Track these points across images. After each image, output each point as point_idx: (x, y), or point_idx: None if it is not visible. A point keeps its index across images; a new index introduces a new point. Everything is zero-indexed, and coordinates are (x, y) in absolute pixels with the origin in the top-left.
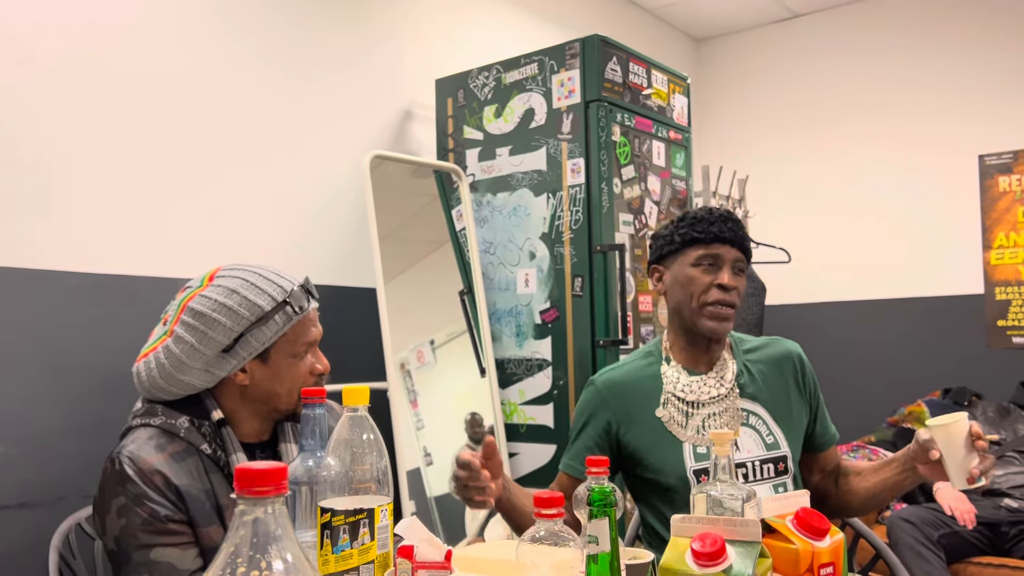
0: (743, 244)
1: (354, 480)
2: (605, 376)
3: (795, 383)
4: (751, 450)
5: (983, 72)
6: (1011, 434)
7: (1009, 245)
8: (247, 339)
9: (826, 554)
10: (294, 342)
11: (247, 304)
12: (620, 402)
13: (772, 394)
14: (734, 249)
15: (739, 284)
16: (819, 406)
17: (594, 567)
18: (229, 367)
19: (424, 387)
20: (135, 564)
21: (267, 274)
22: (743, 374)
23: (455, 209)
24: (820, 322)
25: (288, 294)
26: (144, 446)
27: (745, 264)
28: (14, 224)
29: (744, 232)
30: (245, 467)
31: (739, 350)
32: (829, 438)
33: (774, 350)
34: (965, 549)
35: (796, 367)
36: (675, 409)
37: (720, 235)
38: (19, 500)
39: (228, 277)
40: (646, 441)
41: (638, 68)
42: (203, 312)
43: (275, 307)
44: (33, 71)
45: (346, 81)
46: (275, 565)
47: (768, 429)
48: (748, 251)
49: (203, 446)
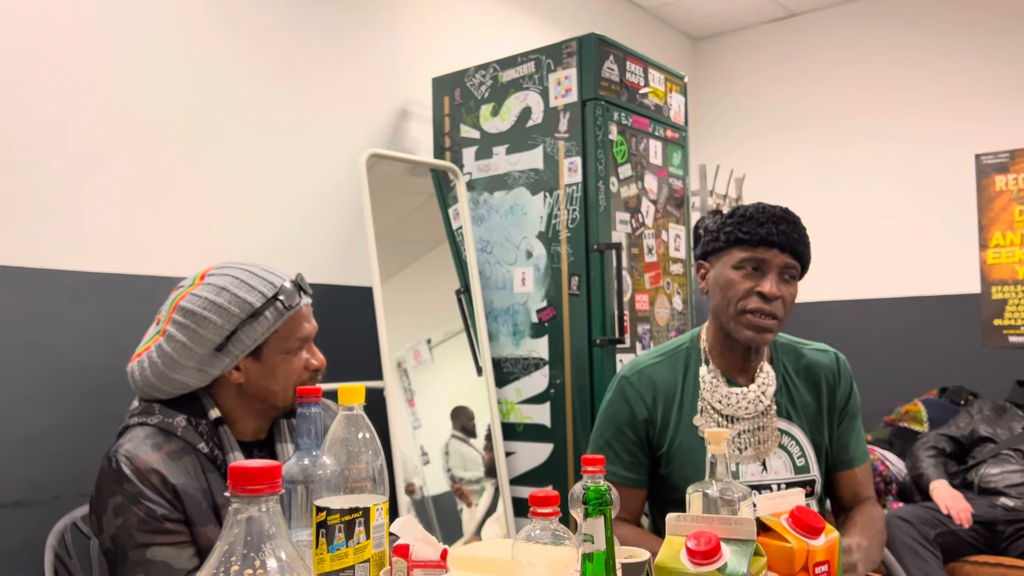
0: (796, 249)
1: (350, 479)
2: (639, 371)
3: (830, 399)
4: (779, 472)
5: (980, 71)
6: (1007, 432)
7: (1005, 244)
8: (239, 336)
9: (821, 553)
10: (287, 338)
11: (237, 301)
12: (657, 401)
13: (807, 412)
14: (784, 255)
15: (786, 293)
16: (843, 425)
17: (589, 566)
18: (222, 365)
19: (421, 386)
20: (131, 563)
21: (258, 271)
22: (782, 390)
23: (452, 208)
24: (817, 321)
25: (278, 290)
26: (141, 445)
27: (797, 271)
28: (10, 223)
29: (799, 236)
30: (239, 465)
31: (780, 359)
32: (842, 462)
33: (816, 360)
34: (961, 548)
35: (831, 382)
36: (711, 420)
37: (767, 238)
38: (15, 499)
39: (219, 275)
40: (677, 447)
41: (635, 67)
42: (194, 310)
43: (265, 303)
44: (31, 71)
45: (342, 79)
46: (269, 564)
47: (801, 451)
48: (803, 257)
49: (200, 445)
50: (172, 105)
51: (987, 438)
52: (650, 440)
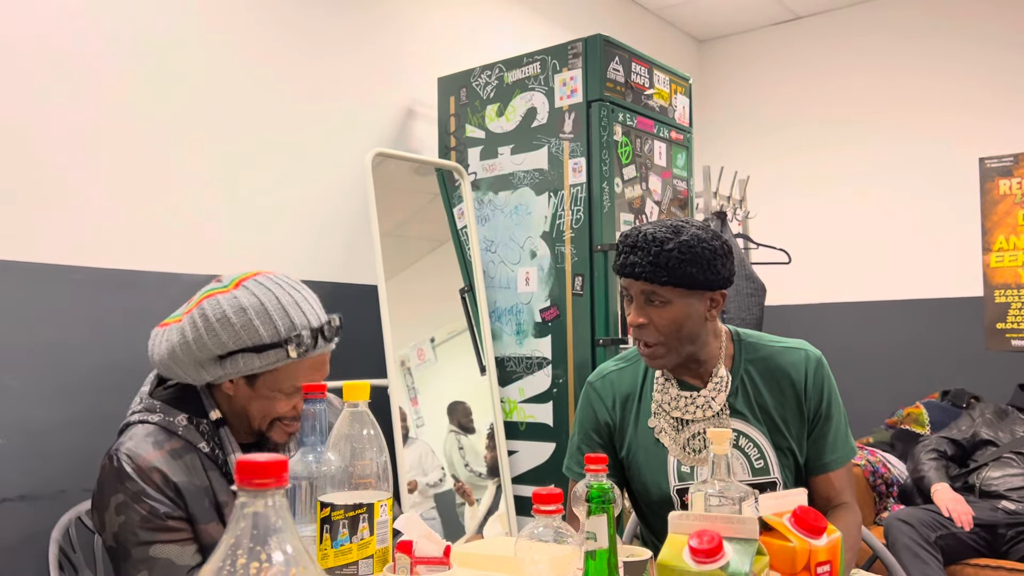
0: (651, 276)
1: (354, 475)
2: (603, 377)
3: (795, 400)
4: (736, 473)
5: (984, 75)
6: (1009, 436)
7: (1009, 248)
8: (236, 359)
9: (823, 552)
10: (282, 380)
11: (249, 329)
12: (616, 404)
13: (768, 413)
14: (640, 282)
15: (647, 318)
16: (817, 428)
17: (592, 564)
18: (216, 375)
19: (424, 385)
20: (135, 561)
21: (288, 303)
22: (737, 392)
23: (456, 207)
24: (820, 323)
25: (294, 334)
26: (142, 443)
27: (662, 294)
28: (16, 217)
29: (655, 260)
30: (246, 459)
31: (742, 361)
32: (816, 466)
33: (783, 360)
34: (962, 551)
35: (801, 381)
36: (665, 422)
37: (623, 269)
38: (20, 493)
39: (249, 293)
40: (636, 450)
41: (640, 68)
42: (208, 317)
43: (274, 343)
44: (36, 67)
45: (349, 79)
46: (275, 557)
47: (760, 452)
48: (661, 280)
49: (201, 444)
50: (181, 103)
51: (989, 441)
52: (613, 443)
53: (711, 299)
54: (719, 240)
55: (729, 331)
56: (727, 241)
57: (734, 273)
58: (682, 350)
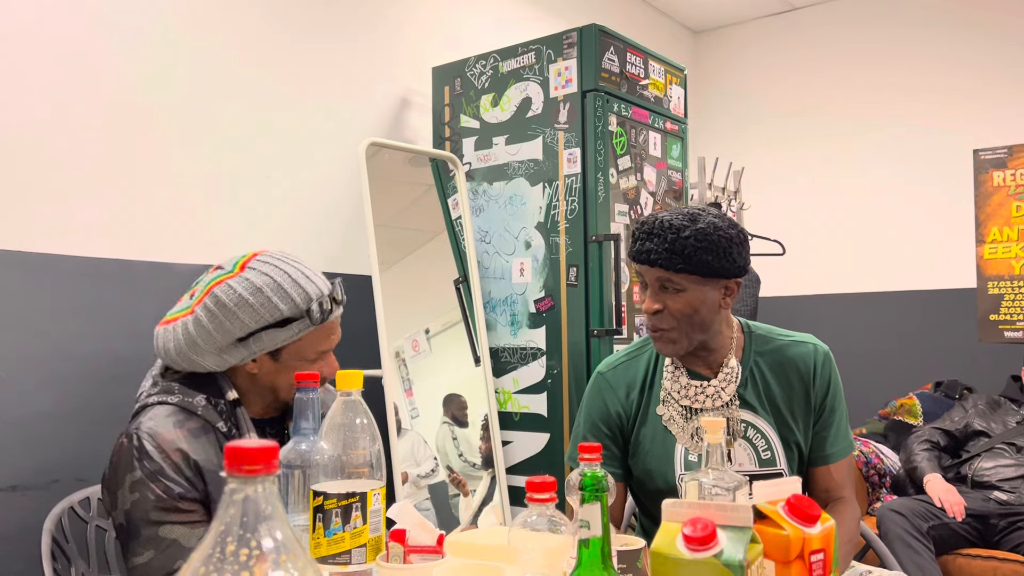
0: (665, 262)
1: (347, 464)
2: (614, 367)
3: (803, 393)
4: (743, 464)
5: (979, 66)
6: (1001, 427)
7: (1002, 240)
8: (261, 337)
9: (817, 541)
10: (307, 348)
11: (269, 306)
12: (629, 395)
13: (777, 405)
14: (655, 269)
15: (662, 304)
16: (821, 420)
17: (585, 552)
18: (240, 356)
19: (419, 376)
20: (144, 539)
21: (298, 276)
22: (747, 383)
23: (451, 198)
24: (813, 314)
25: (312, 302)
26: (163, 422)
27: (678, 281)
28: (9, 207)
29: (671, 247)
30: (235, 445)
31: (752, 352)
32: (818, 458)
33: (792, 353)
34: (954, 541)
35: (810, 374)
36: (674, 410)
37: (638, 256)
38: (12, 483)
39: (258, 272)
40: (643, 437)
41: (635, 59)
42: (225, 303)
43: (295, 315)
44: (32, 57)
45: (343, 68)
46: (265, 544)
47: (767, 443)
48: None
49: (219, 424)
50: (173, 92)
51: (981, 432)
52: (623, 433)
53: (726, 287)
54: (735, 228)
55: (740, 322)
56: (743, 230)
57: (749, 262)
58: (694, 337)
